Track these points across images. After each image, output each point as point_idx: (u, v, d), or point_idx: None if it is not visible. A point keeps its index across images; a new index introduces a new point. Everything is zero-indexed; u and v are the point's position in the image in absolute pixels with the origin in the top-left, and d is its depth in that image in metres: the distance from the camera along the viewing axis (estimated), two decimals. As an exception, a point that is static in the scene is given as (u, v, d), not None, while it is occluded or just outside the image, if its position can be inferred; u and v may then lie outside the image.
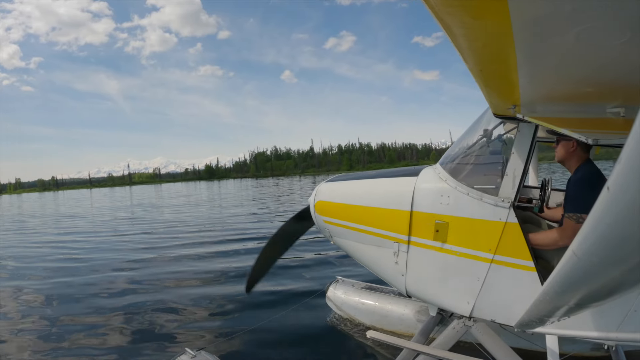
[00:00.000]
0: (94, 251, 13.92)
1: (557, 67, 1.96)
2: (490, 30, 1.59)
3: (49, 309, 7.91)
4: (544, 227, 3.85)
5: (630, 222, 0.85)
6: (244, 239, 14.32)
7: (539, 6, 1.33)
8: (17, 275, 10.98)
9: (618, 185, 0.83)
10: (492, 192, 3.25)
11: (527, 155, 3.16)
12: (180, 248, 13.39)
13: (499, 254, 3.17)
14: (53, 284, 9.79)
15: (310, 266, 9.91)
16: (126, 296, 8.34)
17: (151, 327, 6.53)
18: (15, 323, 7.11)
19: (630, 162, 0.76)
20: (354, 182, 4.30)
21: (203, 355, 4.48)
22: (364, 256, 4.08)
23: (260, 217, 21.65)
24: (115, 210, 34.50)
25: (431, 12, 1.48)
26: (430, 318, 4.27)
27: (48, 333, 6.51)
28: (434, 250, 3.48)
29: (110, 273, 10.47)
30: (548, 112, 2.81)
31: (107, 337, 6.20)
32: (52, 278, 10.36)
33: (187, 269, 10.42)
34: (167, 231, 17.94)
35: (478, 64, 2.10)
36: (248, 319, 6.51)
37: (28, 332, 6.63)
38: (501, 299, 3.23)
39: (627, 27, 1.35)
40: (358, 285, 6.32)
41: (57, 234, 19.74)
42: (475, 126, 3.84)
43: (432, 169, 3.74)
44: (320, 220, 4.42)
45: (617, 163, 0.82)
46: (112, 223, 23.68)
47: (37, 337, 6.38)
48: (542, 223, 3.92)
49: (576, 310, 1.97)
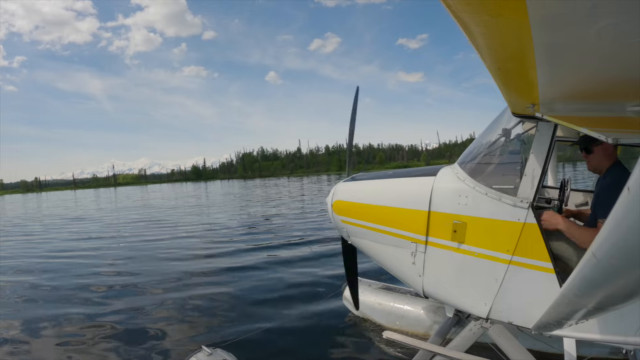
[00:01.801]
0: (125, 258, 12.85)
1: (577, 65, 1.93)
2: (508, 28, 1.57)
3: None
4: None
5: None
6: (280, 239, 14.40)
7: (558, 3, 1.31)
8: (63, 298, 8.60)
9: (638, 186, 0.81)
10: (510, 193, 3.21)
11: (546, 155, 3.11)
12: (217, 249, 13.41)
13: (517, 255, 3.13)
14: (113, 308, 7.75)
15: (327, 264, 9.92)
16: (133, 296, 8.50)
17: (168, 325, 6.63)
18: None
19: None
20: (371, 182, 4.30)
21: (219, 353, 4.53)
22: (381, 256, 4.07)
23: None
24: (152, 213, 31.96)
25: (448, 11, 1.47)
26: (447, 319, 4.24)
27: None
28: (451, 250, 3.45)
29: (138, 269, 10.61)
30: (567, 110, 2.76)
31: (122, 333, 6.31)
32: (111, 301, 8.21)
33: (205, 265, 10.58)
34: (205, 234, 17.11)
35: (496, 62, 2.07)
36: (264, 318, 6.56)
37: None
38: (519, 301, 3.19)
39: None
40: (375, 285, 6.31)
41: (74, 239, 18.28)
42: (494, 125, 3.80)
43: (451, 168, 3.71)
44: (338, 220, 4.42)
45: (637, 163, 0.80)
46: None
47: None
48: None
49: (595, 313, 1.94)
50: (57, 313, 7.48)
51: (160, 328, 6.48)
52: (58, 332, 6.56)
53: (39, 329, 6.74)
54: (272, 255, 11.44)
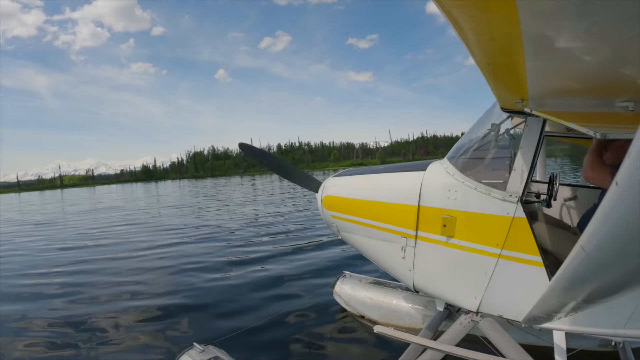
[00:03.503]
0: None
1: (566, 60, 1.94)
2: (498, 24, 1.58)
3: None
4: (551, 222, 3.83)
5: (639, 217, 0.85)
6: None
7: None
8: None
9: (627, 180, 0.82)
10: (500, 187, 3.23)
11: (535, 150, 3.14)
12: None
13: (506, 249, 3.15)
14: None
15: (317, 262, 9.94)
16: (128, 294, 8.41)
17: (159, 323, 6.60)
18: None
19: (639, 156, 0.75)
20: (361, 177, 4.30)
21: (210, 350, 4.52)
22: (371, 251, 4.08)
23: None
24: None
25: (438, 6, 1.47)
26: (437, 313, 4.27)
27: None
28: (441, 245, 3.47)
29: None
30: (556, 106, 2.79)
31: (114, 334, 6.27)
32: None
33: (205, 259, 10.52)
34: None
35: (486, 58, 2.08)
36: (255, 314, 6.55)
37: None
38: (509, 294, 3.22)
39: (637, 20, 1.34)
40: (365, 280, 6.34)
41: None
42: (483, 120, 3.82)
43: (440, 163, 3.72)
44: (328, 215, 4.42)
45: (625, 157, 0.81)
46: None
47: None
48: (549, 219, 3.90)
49: (584, 306, 1.96)
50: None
51: (151, 326, 6.46)
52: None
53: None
54: (267, 250, 11.43)
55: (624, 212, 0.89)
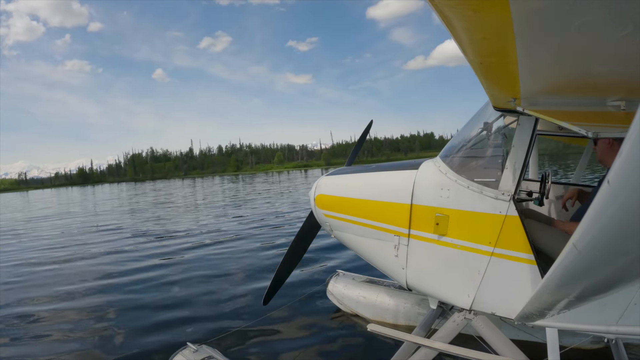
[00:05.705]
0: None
1: (558, 59, 1.96)
2: (491, 23, 1.58)
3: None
4: (543, 220, 3.85)
5: (631, 215, 0.86)
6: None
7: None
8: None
9: (618, 179, 0.83)
10: (492, 186, 3.24)
11: (527, 149, 3.15)
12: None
13: (499, 247, 3.16)
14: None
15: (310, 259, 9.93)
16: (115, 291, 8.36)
17: (153, 322, 6.57)
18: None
19: (630, 155, 0.76)
20: (354, 176, 4.30)
21: (204, 349, 4.51)
22: (364, 249, 4.08)
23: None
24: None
25: (432, 6, 1.48)
26: (430, 311, 4.28)
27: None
28: (434, 243, 3.48)
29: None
30: (548, 104, 2.80)
31: (98, 330, 6.23)
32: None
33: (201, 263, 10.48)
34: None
35: (478, 57, 2.09)
36: (249, 313, 6.54)
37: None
38: (501, 292, 3.23)
39: (629, 20, 1.35)
40: (359, 278, 6.35)
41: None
42: (476, 119, 3.83)
43: (433, 162, 3.73)
44: (321, 214, 4.42)
45: (617, 156, 0.81)
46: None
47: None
48: (541, 216, 3.92)
49: (576, 303, 1.97)
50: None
51: (143, 324, 6.43)
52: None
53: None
54: (263, 247, 11.41)
55: (616, 211, 0.89)
